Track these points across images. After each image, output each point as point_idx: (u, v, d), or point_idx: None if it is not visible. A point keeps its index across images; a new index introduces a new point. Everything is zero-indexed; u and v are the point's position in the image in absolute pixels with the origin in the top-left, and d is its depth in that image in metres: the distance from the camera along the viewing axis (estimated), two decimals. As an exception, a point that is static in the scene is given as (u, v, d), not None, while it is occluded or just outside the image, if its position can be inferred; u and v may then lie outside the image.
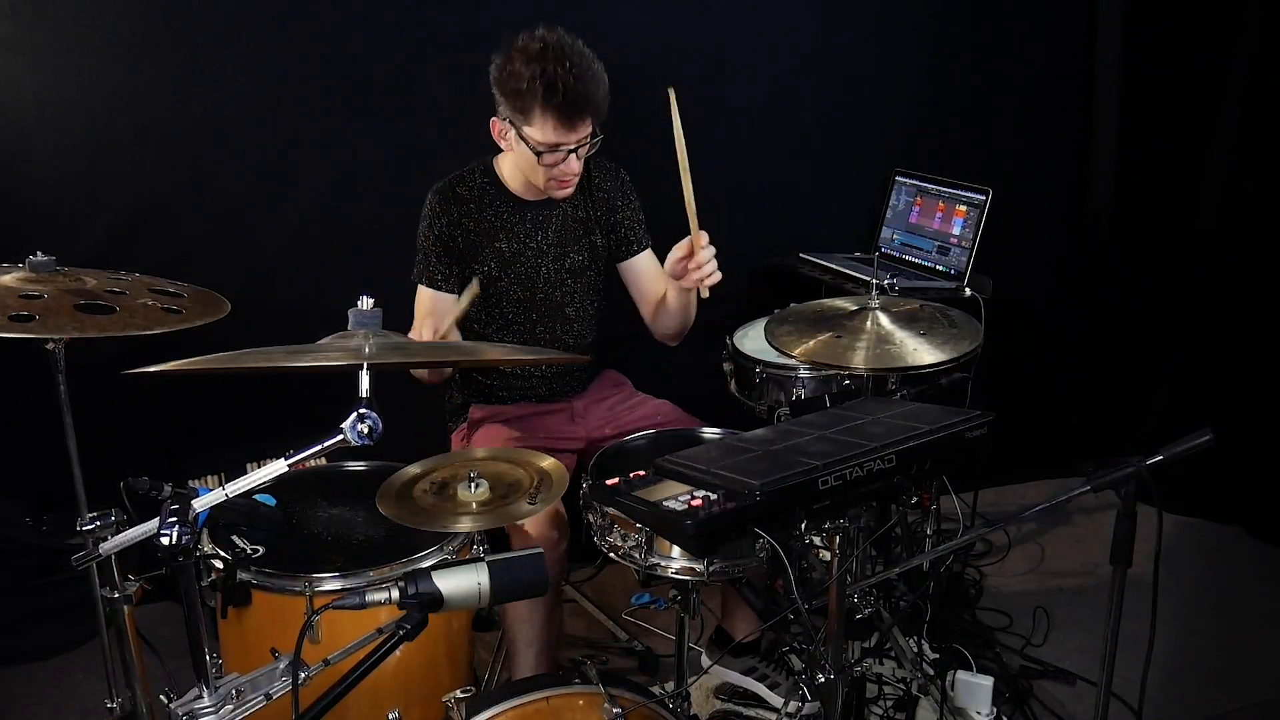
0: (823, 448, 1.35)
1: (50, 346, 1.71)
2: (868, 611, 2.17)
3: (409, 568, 1.69)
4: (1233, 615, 2.74)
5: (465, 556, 1.60)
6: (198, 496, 1.23)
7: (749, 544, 1.69)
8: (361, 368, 1.30)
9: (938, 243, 2.83)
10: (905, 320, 1.99)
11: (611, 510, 1.73)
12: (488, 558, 1.28)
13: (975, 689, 2.15)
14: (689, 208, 1.92)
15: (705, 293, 1.98)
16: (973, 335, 1.95)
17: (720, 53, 2.86)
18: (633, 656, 2.54)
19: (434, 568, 1.25)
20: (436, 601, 1.23)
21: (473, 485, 1.63)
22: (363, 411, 1.25)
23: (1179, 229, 3.28)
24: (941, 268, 2.79)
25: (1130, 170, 3.27)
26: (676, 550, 1.69)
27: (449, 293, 2.15)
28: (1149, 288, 3.38)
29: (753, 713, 2.26)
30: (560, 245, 2.22)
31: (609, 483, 1.43)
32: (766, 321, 2.13)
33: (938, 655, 2.32)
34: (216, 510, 1.27)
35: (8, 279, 1.69)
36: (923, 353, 1.89)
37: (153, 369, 1.33)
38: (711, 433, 2.14)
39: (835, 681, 1.55)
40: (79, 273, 1.76)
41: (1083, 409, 3.53)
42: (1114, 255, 3.36)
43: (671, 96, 1.84)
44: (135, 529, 1.32)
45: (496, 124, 2.07)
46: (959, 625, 2.60)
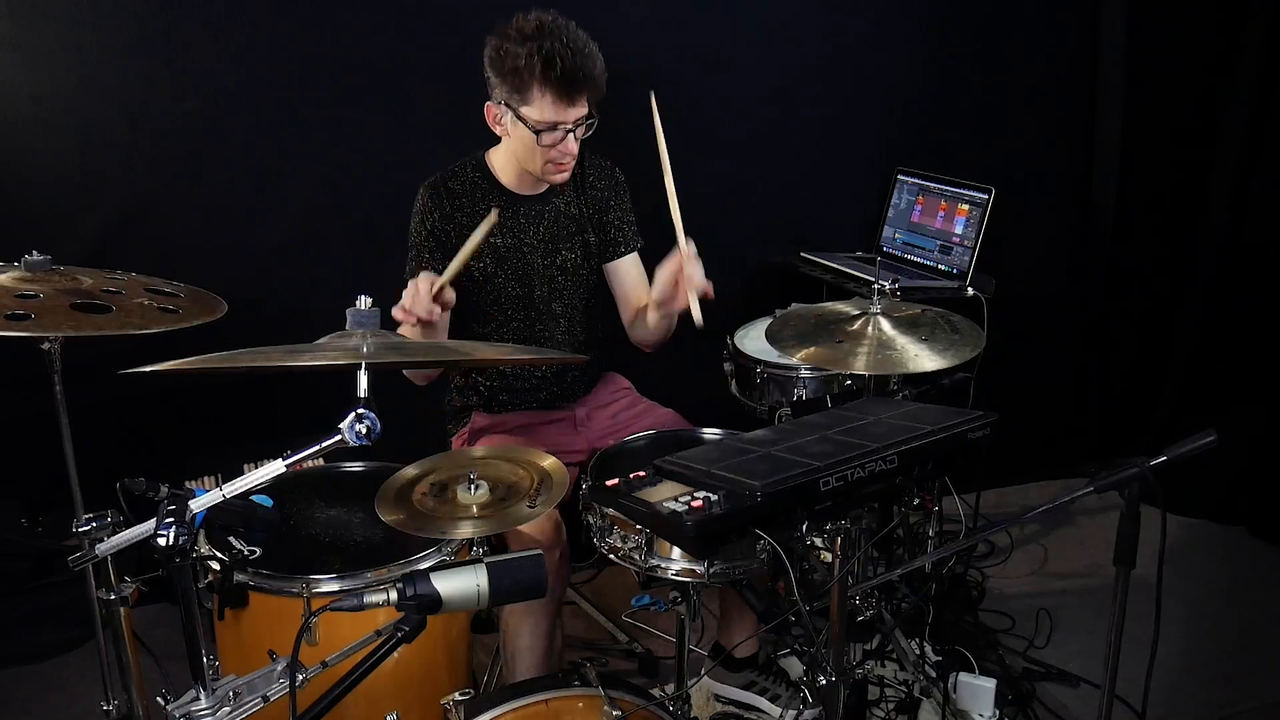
0: (824, 448, 1.34)
1: (46, 346, 1.71)
2: (869, 614, 2.17)
3: (407, 569, 1.68)
4: (1237, 617, 2.73)
5: (464, 558, 1.59)
6: (194, 497, 1.22)
7: (750, 545, 1.68)
8: (360, 367, 1.29)
9: (940, 242, 2.82)
10: (907, 325, 1.99)
11: (611, 511, 1.72)
12: (486, 559, 1.27)
13: (977, 691, 2.15)
14: (674, 216, 1.88)
15: (699, 317, 1.85)
16: (975, 341, 1.95)
17: (721, 50, 2.85)
18: (633, 659, 2.53)
19: (432, 569, 1.25)
20: (435, 603, 1.23)
21: (472, 487, 1.62)
22: (361, 412, 1.23)
23: (1185, 227, 3.27)
24: (944, 267, 2.78)
25: (1135, 168, 3.25)
26: (677, 552, 1.68)
27: None
28: (1153, 287, 3.37)
29: (753, 716, 2.25)
30: (552, 241, 2.20)
31: (609, 484, 1.43)
32: (767, 324, 2.12)
33: (940, 657, 2.32)
34: (213, 511, 1.25)
35: (3, 278, 1.69)
36: (924, 359, 1.88)
37: (149, 369, 1.32)
38: (712, 433, 2.13)
39: (837, 684, 1.55)
40: (75, 272, 1.76)
41: (1086, 409, 3.52)
42: (1118, 254, 3.35)
43: (653, 100, 1.82)
44: (132, 530, 1.30)
45: (492, 109, 2.05)
46: (961, 627, 2.59)
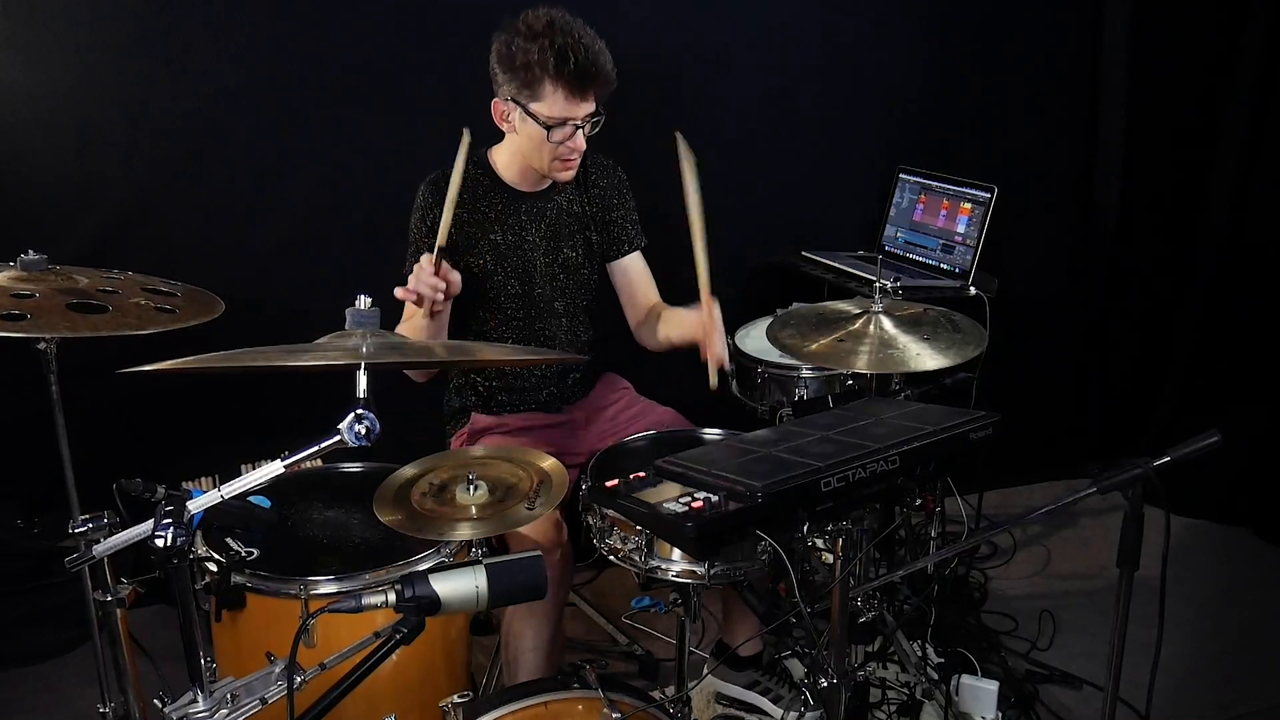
0: (825, 449, 1.34)
1: (42, 346, 1.70)
2: (871, 615, 2.17)
3: (406, 570, 1.67)
4: (1241, 618, 2.72)
5: (463, 559, 1.59)
6: (192, 498, 1.21)
7: (750, 547, 1.67)
8: (359, 367, 1.28)
9: (942, 241, 2.81)
10: (909, 324, 1.98)
11: (611, 512, 1.72)
12: (485, 560, 1.26)
13: (980, 693, 2.14)
14: (701, 271, 1.89)
15: (714, 383, 1.90)
16: (977, 340, 1.94)
17: (723, 48, 2.84)
18: (633, 661, 2.52)
19: (431, 570, 1.24)
20: (434, 605, 1.22)
21: (471, 488, 1.62)
22: (360, 412, 1.23)
23: (1188, 226, 3.27)
24: (946, 266, 2.77)
25: (1138, 167, 3.25)
26: (677, 553, 1.68)
27: None
28: (1157, 286, 3.37)
29: (755, 717, 2.24)
30: (554, 239, 2.19)
31: (609, 484, 1.42)
32: (768, 323, 2.11)
33: (942, 659, 2.32)
34: (211, 512, 1.25)
35: (-1, 278, 1.68)
36: (926, 358, 1.88)
37: (146, 369, 1.31)
38: (712, 433, 2.12)
39: (838, 686, 1.54)
40: (71, 271, 1.75)
41: (1089, 410, 3.51)
42: (1121, 253, 3.34)
43: (680, 142, 1.82)
44: (129, 531, 1.30)
45: (499, 105, 2.04)
46: (963, 629, 2.58)
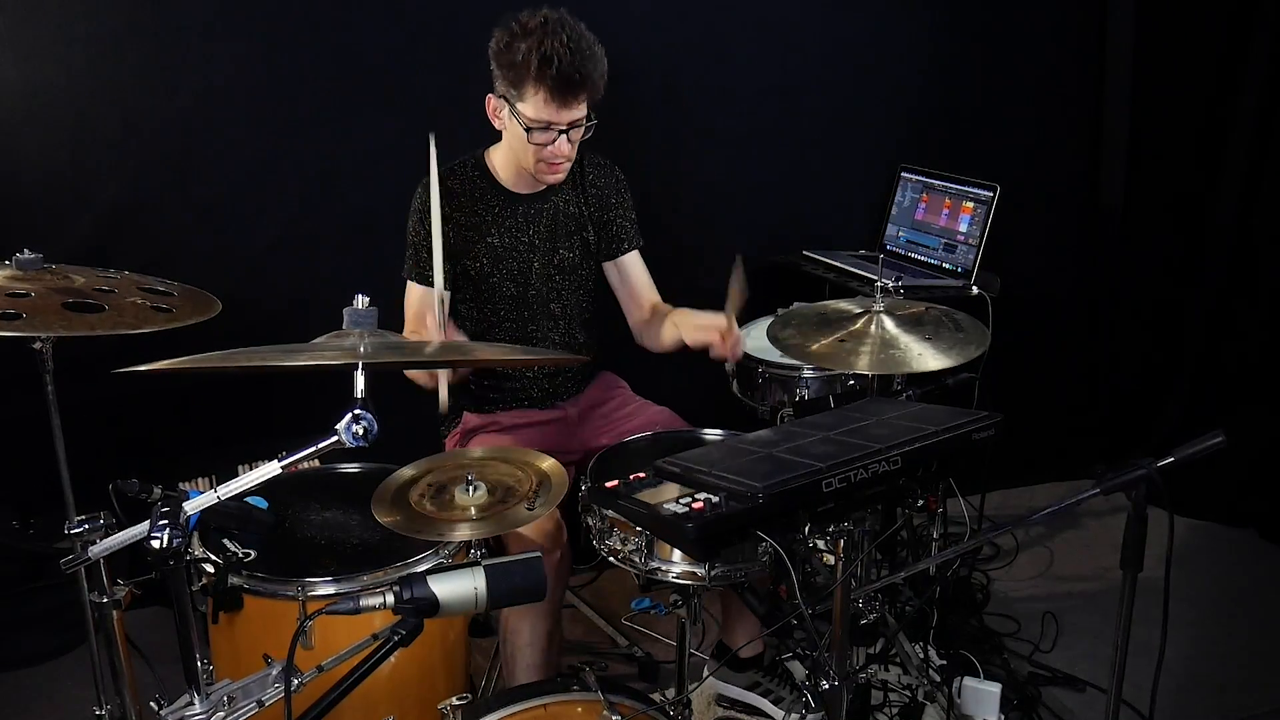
0: (827, 449, 1.33)
1: (37, 345, 1.70)
2: (873, 617, 2.16)
3: (404, 572, 1.64)
4: (1246, 620, 2.71)
5: (461, 560, 1.58)
6: (188, 499, 1.21)
7: (751, 548, 1.67)
8: (357, 367, 1.28)
9: (944, 240, 2.80)
10: (910, 324, 1.97)
11: (611, 513, 1.71)
12: (484, 562, 1.26)
13: (982, 696, 2.14)
14: (729, 310, 1.99)
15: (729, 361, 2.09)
16: (979, 340, 1.93)
17: (723, 45, 2.84)
18: (633, 663, 2.51)
19: (430, 572, 1.24)
20: (432, 606, 1.21)
21: (470, 489, 1.61)
22: (358, 412, 1.23)
23: (1194, 225, 3.26)
24: (948, 266, 2.76)
25: (1143, 164, 3.23)
26: (677, 554, 1.67)
27: None
28: (1161, 286, 3.36)
29: (755, 719, 2.23)
30: (551, 240, 2.19)
31: (608, 485, 1.42)
32: (769, 323, 2.10)
33: (944, 661, 2.31)
34: (208, 513, 1.25)
35: (-6, 277, 1.68)
36: (928, 358, 1.87)
37: (142, 369, 1.31)
38: (713, 434, 2.11)
39: (839, 689, 1.53)
40: (67, 270, 1.75)
41: (1092, 410, 3.50)
42: (1126, 253, 3.33)
43: (739, 264, 1.92)
44: (125, 532, 1.29)
45: (492, 100, 2.04)
46: (966, 631, 2.57)
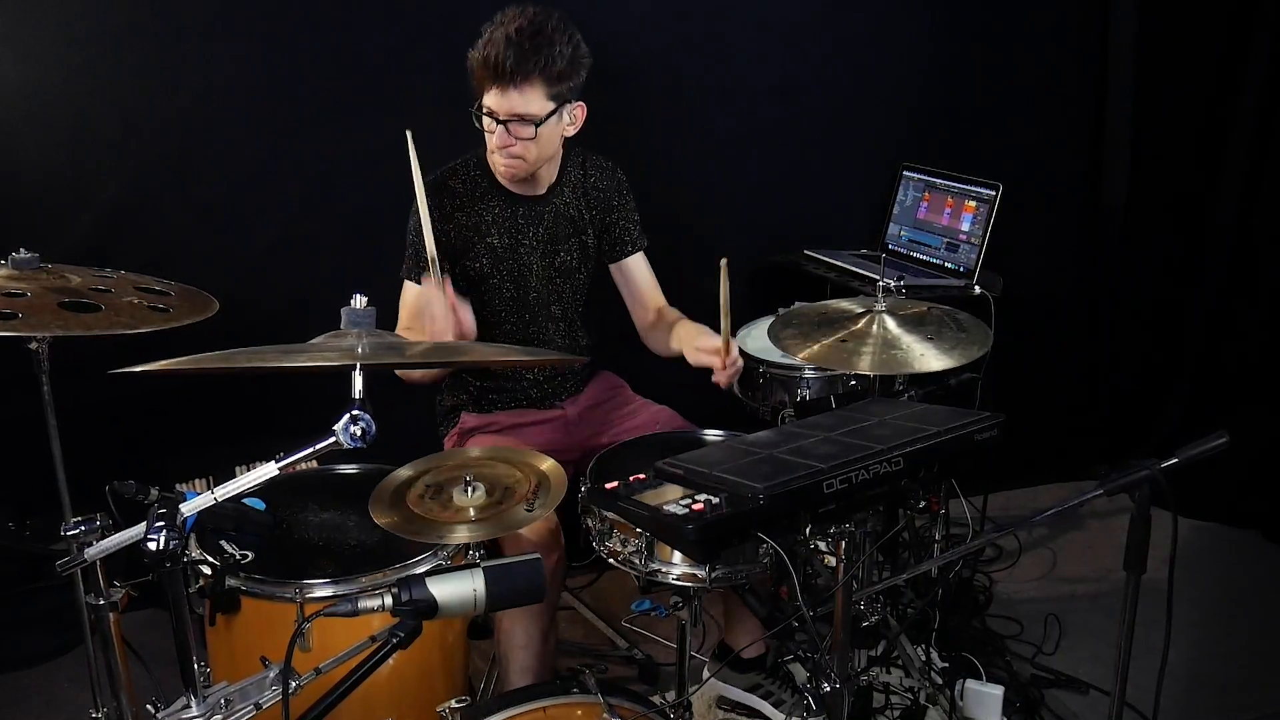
0: (828, 450, 1.33)
1: (33, 346, 1.69)
2: (874, 619, 2.15)
3: (402, 574, 1.64)
4: (1250, 622, 2.70)
5: (460, 562, 1.57)
6: (185, 500, 1.20)
7: (752, 549, 1.67)
8: (355, 368, 1.27)
9: (946, 239, 2.79)
10: (912, 324, 1.96)
11: (611, 515, 1.71)
12: (483, 563, 1.25)
13: (985, 698, 2.13)
14: (724, 329, 1.96)
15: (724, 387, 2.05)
16: (982, 340, 1.93)
17: (723, 45, 2.83)
18: (633, 665, 2.50)
19: (428, 574, 1.23)
20: (431, 608, 1.21)
21: (469, 490, 1.61)
22: (356, 413, 1.22)
23: (1194, 225, 3.25)
24: (950, 265, 2.75)
25: (1146, 164, 3.23)
26: (678, 556, 1.67)
27: None
28: (1164, 286, 3.35)
29: (756, 722, 2.22)
30: (551, 243, 2.18)
31: (608, 486, 1.41)
32: (770, 322, 2.10)
33: (946, 664, 2.31)
34: (205, 515, 1.25)
35: (-10, 276, 1.67)
36: (930, 358, 1.86)
37: (139, 369, 1.31)
38: (713, 435, 2.10)
39: (841, 691, 1.52)
40: (63, 270, 1.74)
41: (1096, 410, 3.49)
42: (1129, 252, 3.32)
43: (723, 266, 1.87)
44: (121, 534, 1.29)
45: None
46: (968, 633, 2.57)
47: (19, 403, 1.84)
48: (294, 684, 1.23)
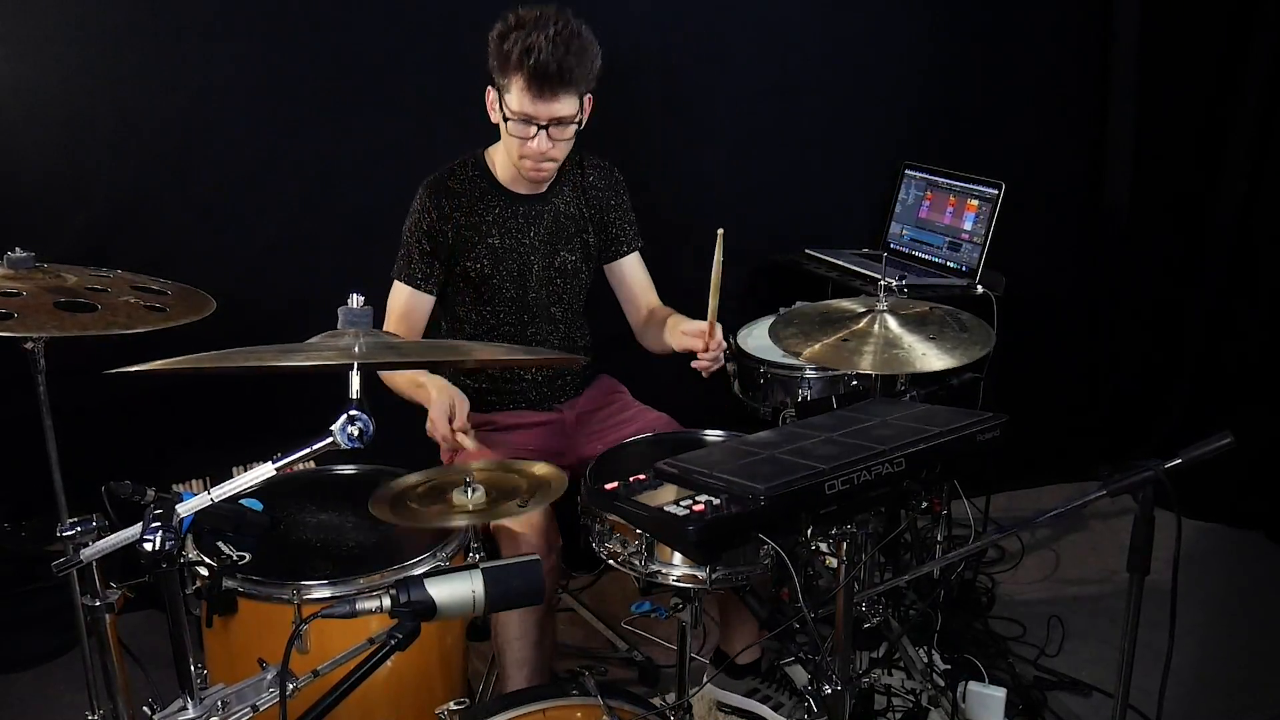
0: (829, 451, 1.32)
1: (29, 346, 1.68)
2: (876, 620, 2.15)
3: (401, 575, 1.63)
4: (1253, 623, 2.70)
5: (459, 564, 1.57)
6: (182, 501, 1.20)
7: (753, 550, 1.67)
8: (352, 368, 1.26)
9: (948, 238, 2.79)
10: (914, 323, 1.96)
11: (611, 516, 1.71)
12: (482, 565, 1.24)
13: (987, 701, 2.13)
14: (711, 308, 1.96)
15: (705, 374, 2.04)
16: (984, 339, 1.92)
17: (723, 45, 2.83)
18: (632, 667, 2.50)
19: (427, 575, 1.23)
20: (429, 610, 1.20)
21: (468, 490, 1.62)
22: (353, 413, 1.21)
23: (1194, 225, 3.25)
24: (952, 264, 2.75)
25: (1148, 163, 3.23)
26: (678, 557, 1.67)
27: (427, 294, 2.11)
28: (1167, 285, 3.35)
29: (757, 725, 2.22)
30: (551, 243, 2.18)
31: (608, 487, 1.40)
32: (771, 322, 2.09)
33: (949, 666, 2.30)
34: (201, 515, 1.24)
35: (-15, 275, 1.66)
36: (931, 358, 1.86)
37: (135, 369, 1.30)
38: (714, 435, 2.10)
39: (842, 693, 1.51)
40: (59, 269, 1.73)
41: (1099, 410, 3.49)
42: (1131, 252, 3.32)
43: (719, 238, 1.86)
44: (117, 535, 1.29)
45: (490, 92, 2.04)
46: (970, 635, 2.56)
47: (15, 403, 1.83)
48: (291, 686, 1.22)
